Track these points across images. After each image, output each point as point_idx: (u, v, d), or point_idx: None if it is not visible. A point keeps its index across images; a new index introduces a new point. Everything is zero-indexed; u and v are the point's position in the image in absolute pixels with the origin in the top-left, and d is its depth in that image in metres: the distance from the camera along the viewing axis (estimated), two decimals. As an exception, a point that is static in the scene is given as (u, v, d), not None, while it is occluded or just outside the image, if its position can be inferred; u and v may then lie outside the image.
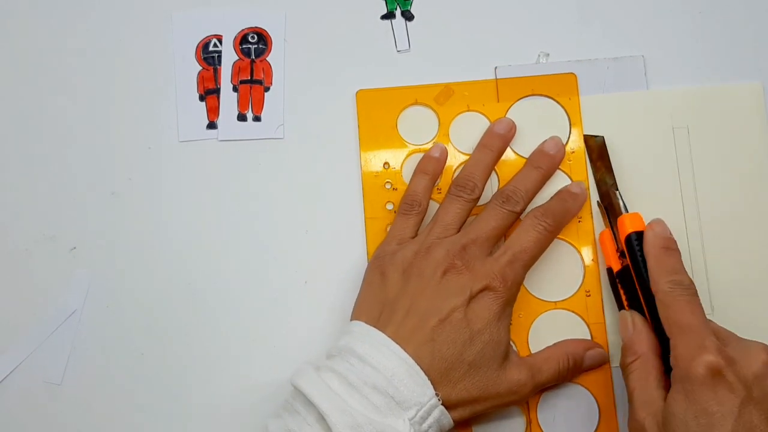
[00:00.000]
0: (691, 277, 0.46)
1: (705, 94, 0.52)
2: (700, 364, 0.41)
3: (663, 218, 0.49)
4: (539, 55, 0.54)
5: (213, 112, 0.54)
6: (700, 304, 0.45)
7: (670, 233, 0.48)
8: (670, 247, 0.47)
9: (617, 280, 0.49)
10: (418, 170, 0.52)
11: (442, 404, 0.44)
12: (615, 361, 0.50)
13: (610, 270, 0.50)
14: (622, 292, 0.49)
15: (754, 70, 0.53)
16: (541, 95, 0.53)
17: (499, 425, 0.50)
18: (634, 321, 0.47)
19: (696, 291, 0.45)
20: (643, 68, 0.53)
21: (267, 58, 0.54)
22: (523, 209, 0.50)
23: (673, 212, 0.51)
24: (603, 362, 0.50)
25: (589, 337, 0.50)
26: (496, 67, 0.53)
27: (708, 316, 0.47)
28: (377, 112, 0.53)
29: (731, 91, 0.52)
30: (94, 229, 0.53)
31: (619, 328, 0.49)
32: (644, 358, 0.45)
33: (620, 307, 0.49)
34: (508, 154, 0.52)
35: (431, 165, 0.52)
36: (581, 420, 0.49)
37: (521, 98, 0.53)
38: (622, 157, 0.52)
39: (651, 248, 0.47)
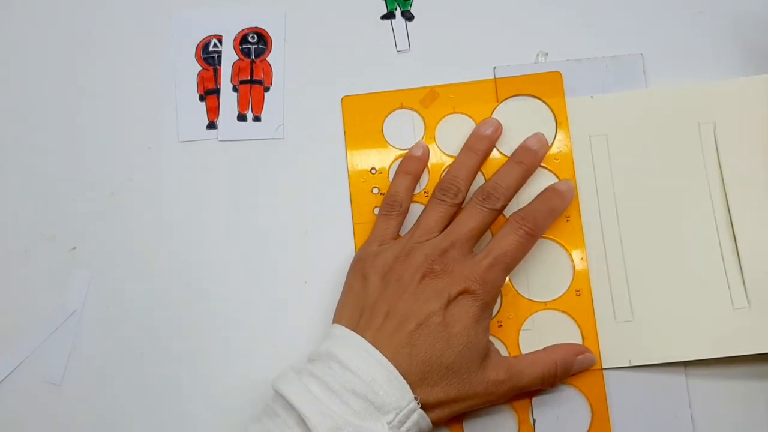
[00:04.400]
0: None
1: (726, 88, 0.52)
2: None
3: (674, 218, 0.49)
4: (538, 55, 0.54)
5: (213, 112, 0.54)
6: None
7: None
8: None
9: None
10: (400, 170, 0.52)
11: (420, 407, 0.44)
12: (606, 363, 0.50)
13: None
14: None
15: (753, 70, 0.53)
16: (527, 95, 0.53)
17: (490, 425, 0.49)
18: None
19: None
20: (642, 66, 0.53)
21: (267, 58, 0.54)
22: (504, 206, 0.49)
23: (695, 208, 0.51)
24: (592, 366, 0.49)
25: (580, 337, 0.50)
26: (495, 67, 0.54)
27: (744, 311, 0.47)
28: (363, 117, 0.53)
29: (752, 84, 0.52)
30: (94, 229, 0.53)
31: None
32: None
33: None
34: (494, 155, 0.52)
35: (413, 164, 0.52)
36: (573, 421, 0.49)
37: (507, 99, 0.53)
38: (638, 155, 0.52)
39: None
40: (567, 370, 0.48)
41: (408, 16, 0.55)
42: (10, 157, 0.54)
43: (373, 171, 0.53)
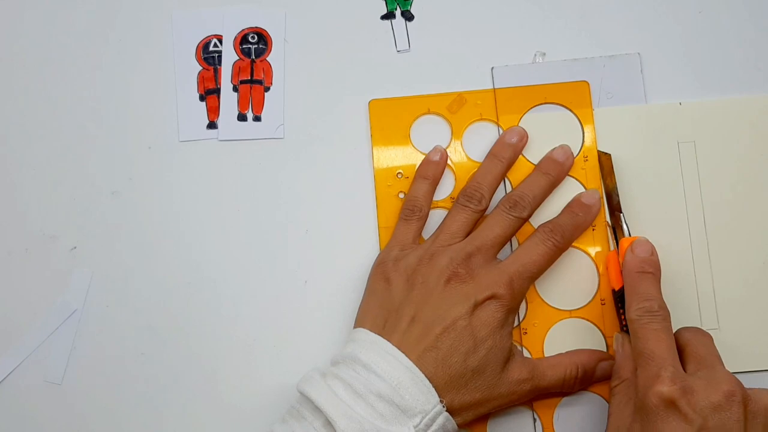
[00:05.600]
0: (665, 303, 0.45)
1: (713, 107, 0.53)
2: (654, 394, 0.41)
3: (670, 230, 0.50)
4: (536, 55, 0.54)
5: (213, 112, 0.54)
6: (668, 330, 0.44)
7: (652, 253, 0.47)
8: (645, 270, 0.46)
9: (617, 302, 0.49)
10: (418, 175, 0.52)
11: (446, 410, 0.44)
12: None
13: (614, 291, 0.49)
14: (619, 314, 0.49)
15: (753, 70, 0.54)
16: (554, 104, 0.53)
17: (513, 430, 0.50)
18: (623, 344, 0.47)
19: (666, 316, 0.44)
20: (639, 66, 0.53)
21: (267, 58, 0.55)
22: (530, 215, 0.50)
23: (678, 225, 0.51)
24: None
25: (604, 346, 0.50)
26: (492, 68, 0.54)
27: (714, 332, 0.47)
28: (390, 122, 0.53)
29: (741, 104, 0.52)
30: (94, 229, 0.53)
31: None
32: (627, 383, 0.45)
33: (621, 328, 0.49)
34: (521, 162, 0.52)
35: (431, 169, 0.52)
36: (596, 428, 0.49)
37: (534, 107, 0.53)
38: (628, 170, 0.52)
39: (627, 272, 0.47)
40: (588, 374, 0.48)
41: (408, 16, 0.55)
42: (11, 157, 0.54)
43: (399, 175, 0.53)
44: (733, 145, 0.52)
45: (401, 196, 0.52)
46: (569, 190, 0.52)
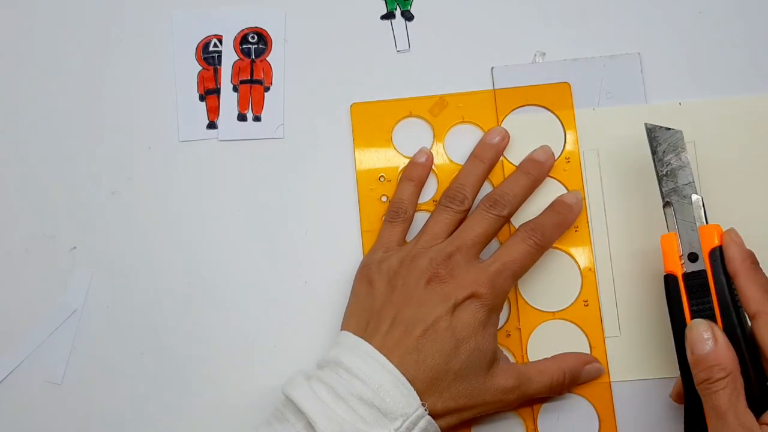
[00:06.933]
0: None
1: (713, 107, 0.53)
2: None
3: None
4: (535, 55, 0.54)
5: (213, 112, 0.54)
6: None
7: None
8: (756, 261, 0.44)
9: (684, 288, 0.46)
10: (404, 177, 0.52)
11: (429, 414, 0.44)
12: (614, 375, 0.50)
13: (669, 276, 0.46)
14: (686, 301, 0.45)
15: (753, 70, 0.54)
16: (535, 105, 0.53)
17: None
18: (716, 334, 0.43)
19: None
20: (639, 65, 0.53)
21: (267, 58, 0.55)
22: (511, 213, 0.50)
23: None
24: (600, 375, 0.50)
25: (588, 347, 0.50)
26: (492, 68, 0.54)
27: None
28: (372, 125, 0.53)
29: (741, 104, 0.52)
30: (94, 229, 0.53)
31: (688, 338, 0.44)
32: (734, 376, 0.42)
33: (677, 316, 0.45)
34: (503, 165, 0.52)
35: (417, 171, 0.52)
36: (581, 430, 0.50)
37: (515, 108, 0.53)
38: (628, 171, 0.52)
39: (740, 264, 0.44)
40: (575, 379, 0.49)
41: (408, 16, 0.55)
42: (11, 157, 0.54)
43: (382, 179, 0.53)
44: (733, 145, 0.52)
45: (384, 199, 0.52)
46: (551, 192, 0.52)
